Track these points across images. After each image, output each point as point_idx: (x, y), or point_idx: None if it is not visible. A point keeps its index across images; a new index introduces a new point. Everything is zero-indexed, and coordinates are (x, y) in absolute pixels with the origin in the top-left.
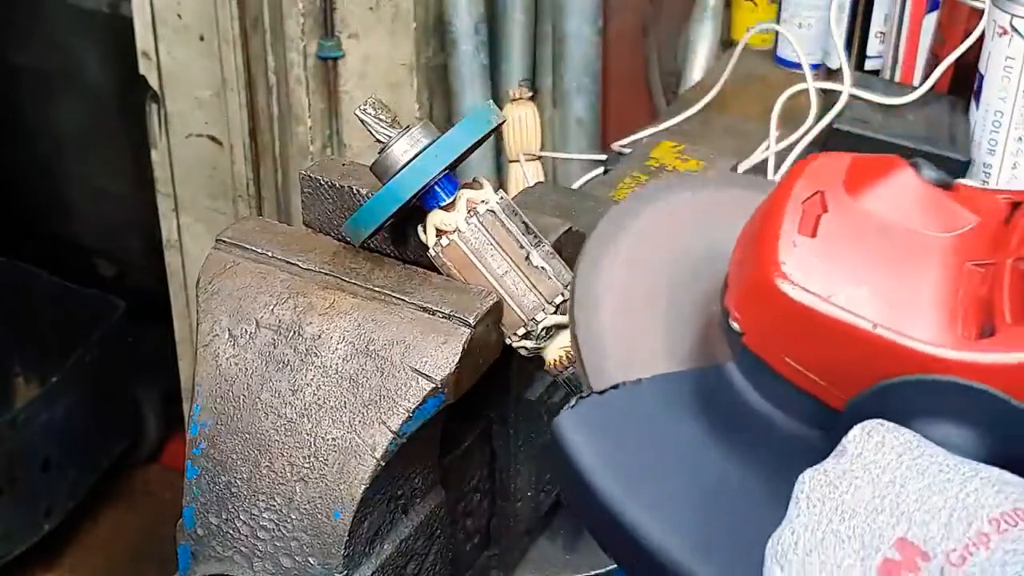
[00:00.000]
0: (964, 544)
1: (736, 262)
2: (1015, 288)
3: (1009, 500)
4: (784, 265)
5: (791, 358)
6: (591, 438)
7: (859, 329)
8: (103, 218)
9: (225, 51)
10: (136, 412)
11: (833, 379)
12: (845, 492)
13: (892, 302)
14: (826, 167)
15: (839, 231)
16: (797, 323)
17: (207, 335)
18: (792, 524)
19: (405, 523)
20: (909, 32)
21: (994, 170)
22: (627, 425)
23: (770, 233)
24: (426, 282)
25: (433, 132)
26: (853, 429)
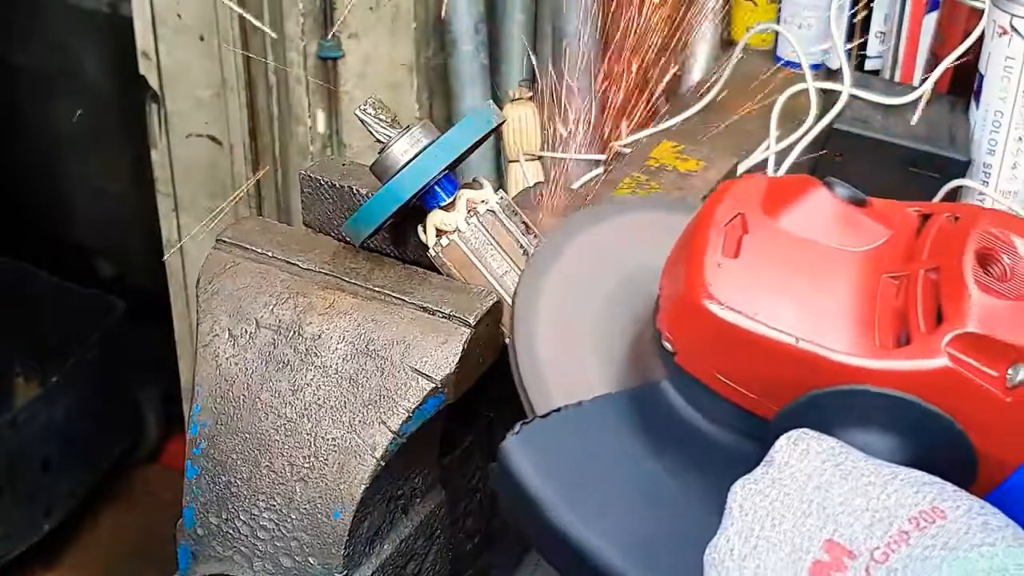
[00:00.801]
0: (887, 542)
1: (665, 285)
2: (927, 298)
3: (927, 499)
4: (710, 286)
5: (721, 374)
6: (536, 461)
7: (783, 344)
8: (103, 218)
9: (225, 51)
10: (136, 412)
11: (761, 392)
12: (775, 500)
13: (813, 316)
14: (745, 189)
15: (760, 251)
16: (725, 340)
17: (207, 335)
18: (727, 532)
19: (405, 523)
20: (909, 32)
21: (994, 170)
22: (570, 446)
23: (695, 256)
24: (426, 282)
25: (433, 132)
26: (780, 439)
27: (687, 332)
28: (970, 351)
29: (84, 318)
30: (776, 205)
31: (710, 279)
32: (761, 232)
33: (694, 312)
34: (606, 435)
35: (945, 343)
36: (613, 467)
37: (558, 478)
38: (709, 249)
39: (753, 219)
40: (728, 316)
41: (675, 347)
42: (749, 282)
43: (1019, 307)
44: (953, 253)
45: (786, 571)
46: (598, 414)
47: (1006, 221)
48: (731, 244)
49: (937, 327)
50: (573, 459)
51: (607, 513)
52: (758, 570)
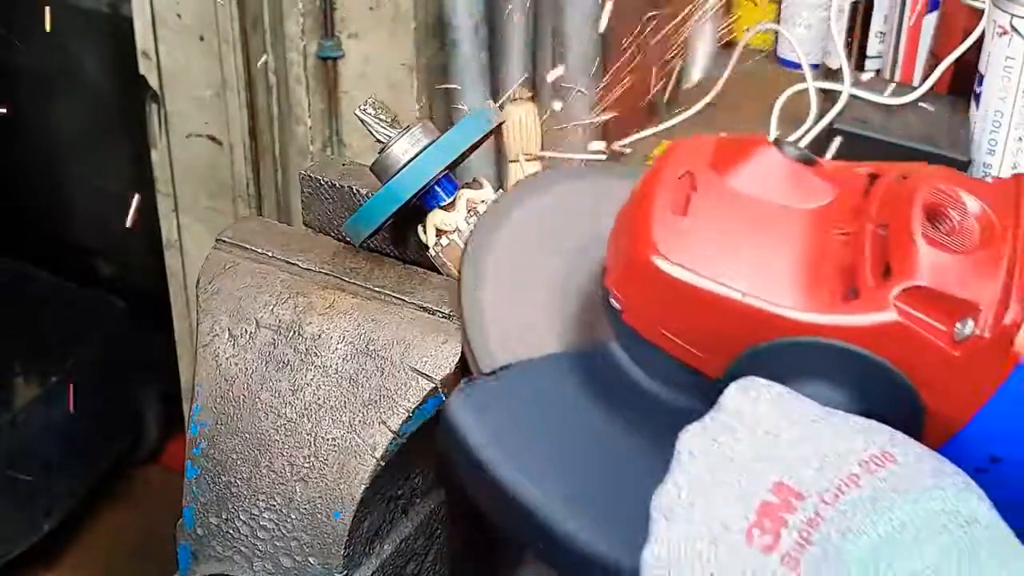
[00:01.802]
0: (837, 484)
1: (613, 243)
2: (876, 253)
3: (877, 444)
4: (658, 242)
5: (668, 331)
6: (480, 419)
7: (729, 299)
8: (103, 218)
9: (225, 51)
10: (136, 412)
11: (708, 348)
12: (724, 445)
13: (760, 272)
14: (694, 149)
15: (708, 208)
16: (671, 296)
17: (207, 335)
18: (674, 477)
19: (405, 523)
20: (909, 32)
21: (994, 170)
22: (516, 405)
23: (643, 213)
24: (426, 282)
25: (433, 132)
26: (729, 387)
27: (634, 289)
28: (918, 305)
29: (84, 318)
30: (725, 163)
31: (657, 235)
32: (709, 190)
33: (641, 268)
34: (554, 394)
35: (893, 296)
36: (561, 426)
37: (505, 438)
38: (657, 206)
39: (702, 177)
40: (675, 272)
41: (622, 305)
42: (696, 239)
43: (967, 261)
44: (901, 208)
45: (734, 513)
46: (545, 373)
47: (954, 178)
48: (679, 201)
49: (885, 281)
50: (520, 418)
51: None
52: (706, 514)
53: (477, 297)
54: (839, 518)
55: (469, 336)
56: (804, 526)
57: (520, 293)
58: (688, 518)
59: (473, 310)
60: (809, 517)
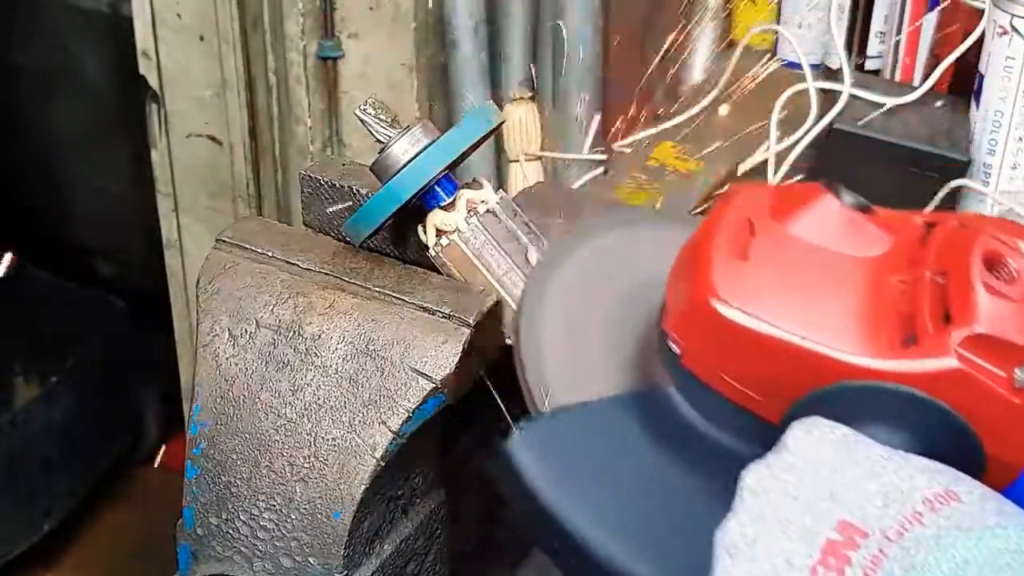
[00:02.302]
0: (900, 522)
1: (672, 286)
2: (935, 301)
3: (940, 484)
4: (718, 286)
5: (727, 375)
6: (541, 459)
7: (790, 343)
8: (103, 218)
9: (225, 51)
10: (136, 412)
11: (768, 393)
12: (788, 483)
13: (820, 317)
14: (753, 195)
15: (768, 254)
16: (731, 340)
17: (207, 335)
18: (738, 515)
19: (405, 523)
20: (909, 32)
21: (994, 170)
22: (575, 446)
23: (703, 257)
24: (426, 282)
25: (433, 132)
26: (792, 425)
27: (694, 333)
28: (978, 351)
29: (84, 318)
30: (783, 211)
31: (718, 280)
32: (768, 236)
33: (701, 312)
34: (612, 436)
35: (955, 343)
36: (619, 467)
37: (563, 476)
38: (717, 251)
39: (760, 224)
40: (735, 316)
41: (681, 349)
42: (757, 284)
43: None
44: (960, 257)
45: (798, 550)
46: (603, 414)
47: (1011, 227)
48: (739, 247)
49: (945, 328)
50: (578, 458)
51: (616, 514)
52: (770, 551)
53: (535, 340)
54: (903, 555)
55: (527, 378)
56: (868, 563)
57: (577, 335)
58: (752, 556)
59: (531, 352)
60: (873, 555)
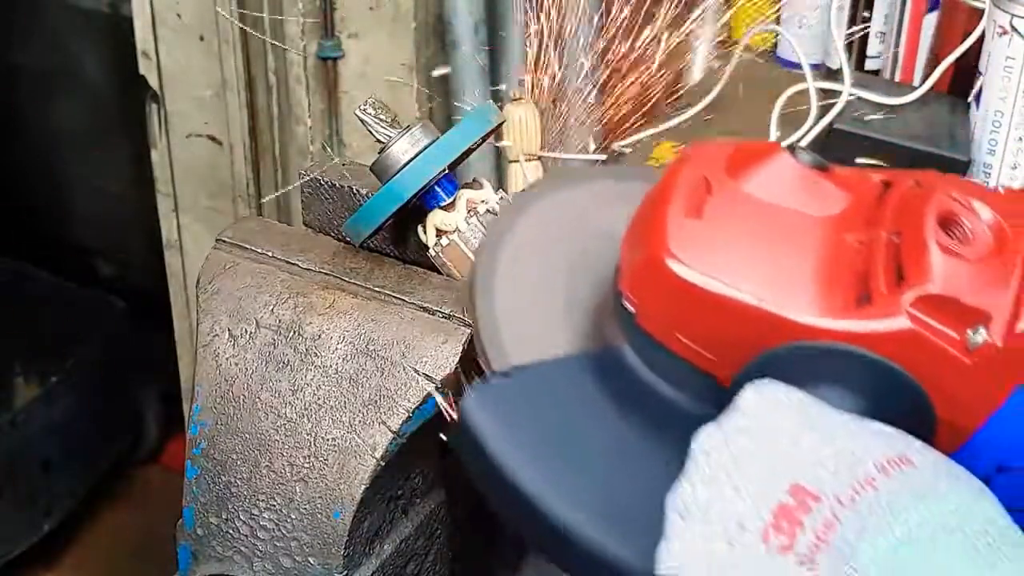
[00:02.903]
0: (853, 486)
1: (627, 245)
2: (889, 260)
3: (894, 449)
4: (672, 246)
5: (681, 334)
6: (496, 419)
7: (743, 303)
8: (103, 218)
9: (225, 51)
10: (136, 412)
11: (721, 353)
12: (741, 447)
13: (774, 277)
14: (709, 154)
15: (723, 213)
16: (686, 300)
17: (207, 335)
18: (690, 477)
19: (405, 523)
20: (909, 32)
21: (994, 170)
22: (530, 405)
23: (658, 216)
24: (426, 282)
25: (433, 132)
26: (746, 388)
27: (648, 292)
28: (931, 312)
29: (84, 318)
30: (740, 169)
31: (672, 238)
32: (724, 194)
33: (655, 271)
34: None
35: (906, 303)
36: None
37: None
38: (672, 209)
39: (717, 182)
40: (689, 275)
41: (636, 307)
42: (711, 242)
43: (979, 269)
44: (915, 216)
45: (750, 515)
46: (559, 374)
47: (967, 187)
48: (694, 205)
49: (898, 288)
50: (535, 419)
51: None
52: (722, 512)
53: (489, 300)
54: (855, 519)
55: (482, 338)
56: (820, 527)
57: (532, 296)
58: (704, 518)
59: (485, 313)
60: (826, 518)
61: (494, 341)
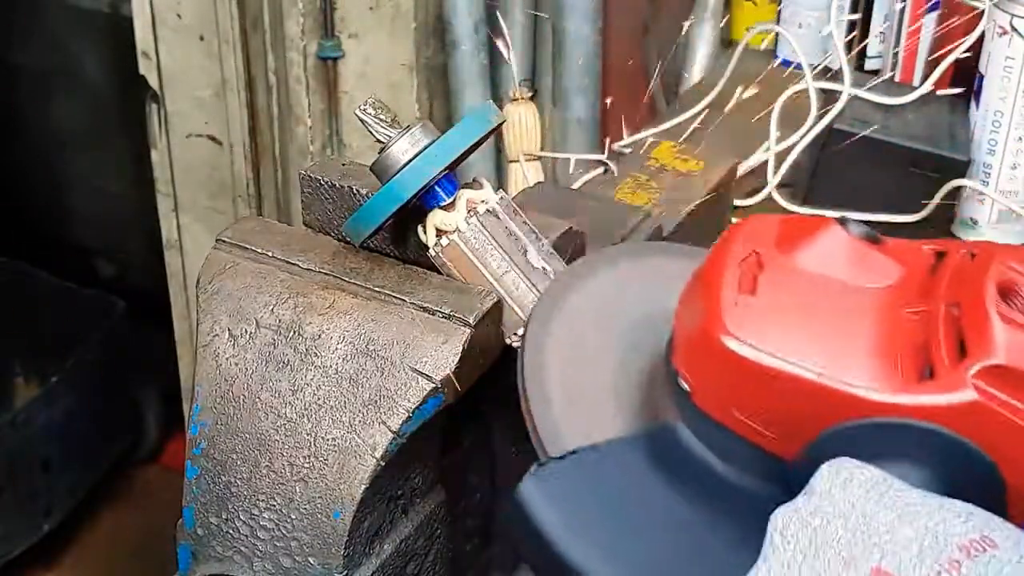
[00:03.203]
0: (936, 571)
1: (680, 322)
2: (949, 332)
3: (976, 529)
4: (727, 322)
5: (740, 412)
6: (554, 505)
7: (804, 379)
8: (103, 218)
9: (225, 51)
10: (136, 412)
11: (782, 431)
12: (818, 528)
13: (834, 352)
14: (758, 228)
15: (777, 288)
16: (743, 377)
17: (207, 335)
18: (768, 562)
19: (405, 523)
20: (909, 32)
21: (994, 170)
22: (588, 490)
23: (712, 292)
24: (426, 282)
25: (433, 132)
26: (821, 468)
27: (704, 370)
28: (996, 383)
29: (84, 318)
30: (790, 243)
31: (727, 315)
32: (777, 269)
33: (712, 349)
34: (623, 478)
35: (971, 375)
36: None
37: (576, 521)
38: (725, 286)
39: (768, 257)
40: (747, 352)
41: (691, 385)
42: (767, 318)
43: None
44: (974, 287)
45: None
46: (614, 457)
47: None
48: (747, 281)
49: (961, 360)
50: (591, 502)
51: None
52: None
53: (541, 379)
54: None
55: (536, 420)
56: None
57: (583, 375)
58: None
59: (537, 393)
60: None
61: (547, 423)
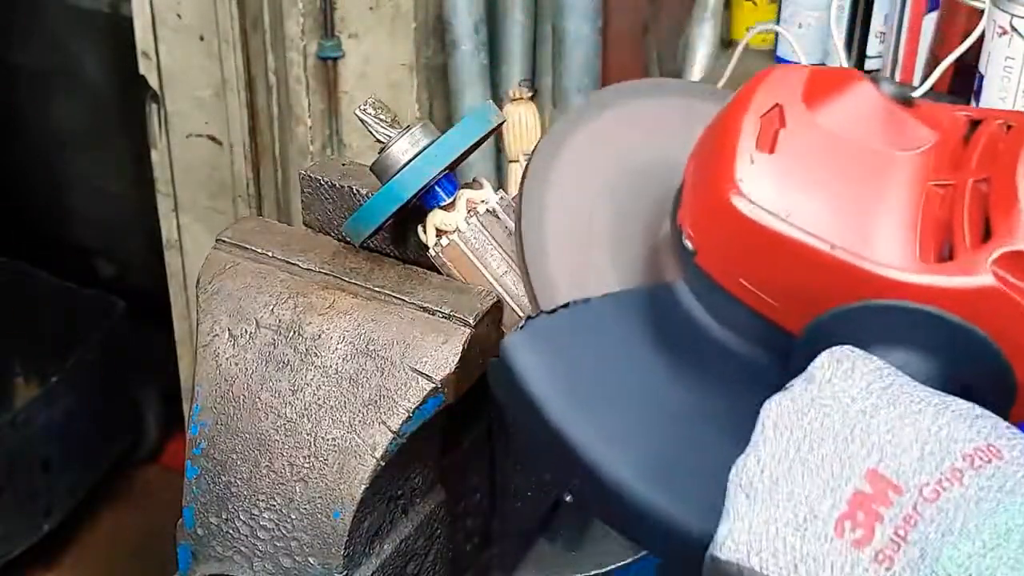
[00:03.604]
0: (937, 479)
1: (690, 177)
2: (974, 210)
3: (981, 435)
4: (741, 182)
5: (745, 279)
6: (541, 360)
7: (817, 251)
8: (103, 218)
9: (225, 51)
10: (136, 412)
11: (788, 302)
12: (814, 420)
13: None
14: (784, 79)
15: (798, 147)
16: (753, 242)
17: (207, 335)
18: (758, 451)
19: (405, 523)
20: (909, 32)
21: None
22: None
23: (726, 147)
24: (426, 282)
25: (433, 132)
26: (821, 355)
27: (711, 230)
28: (1017, 271)
29: (84, 318)
30: (817, 98)
31: (741, 174)
32: (800, 126)
33: (721, 209)
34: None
35: (991, 260)
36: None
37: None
38: (742, 141)
39: (792, 112)
40: (758, 216)
41: (696, 245)
42: (784, 180)
43: None
44: (1005, 163)
45: (822, 498)
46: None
47: None
48: (766, 137)
49: (984, 243)
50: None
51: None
52: (791, 495)
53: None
54: (939, 517)
55: (530, 274)
56: (901, 523)
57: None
58: (771, 499)
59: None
60: (907, 513)
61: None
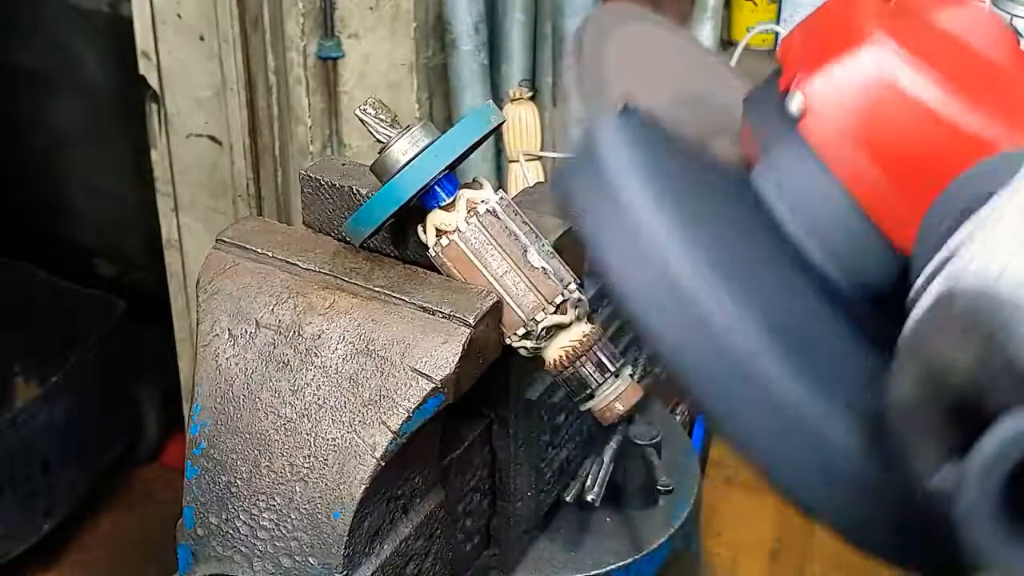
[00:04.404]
0: None
1: (810, 24)
2: None
3: None
4: (876, 33)
5: (860, 146)
6: (635, 154)
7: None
8: (103, 218)
9: (225, 51)
10: (136, 412)
11: (902, 177)
12: None
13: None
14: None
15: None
16: (879, 102)
17: (207, 335)
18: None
19: (405, 523)
20: None
21: None
22: (673, 155)
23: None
24: (426, 282)
25: (433, 132)
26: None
27: (832, 90)
28: None
29: (84, 318)
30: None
31: (879, 23)
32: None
33: (851, 63)
34: (708, 169)
35: None
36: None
37: (658, 183)
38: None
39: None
40: (901, 73)
41: (804, 108)
42: (928, 39)
43: None
44: None
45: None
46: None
47: None
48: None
49: None
50: (677, 169)
51: (716, 246)
52: None
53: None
54: None
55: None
56: None
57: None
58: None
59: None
60: None
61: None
